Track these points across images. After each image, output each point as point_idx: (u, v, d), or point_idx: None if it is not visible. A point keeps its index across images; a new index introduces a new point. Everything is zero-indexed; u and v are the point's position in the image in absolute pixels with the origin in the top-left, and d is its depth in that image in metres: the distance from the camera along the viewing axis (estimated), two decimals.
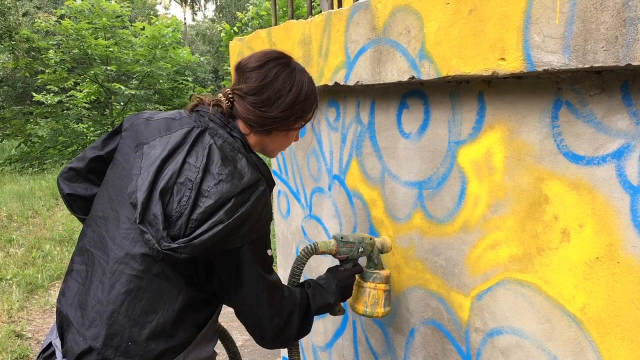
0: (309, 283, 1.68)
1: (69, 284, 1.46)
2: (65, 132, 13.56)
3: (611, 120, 1.19)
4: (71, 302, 1.41)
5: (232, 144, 1.43)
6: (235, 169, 1.37)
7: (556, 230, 1.33)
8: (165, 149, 1.38)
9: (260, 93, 1.46)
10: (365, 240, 1.77)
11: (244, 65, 1.51)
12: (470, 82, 1.53)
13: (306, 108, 1.55)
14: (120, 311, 1.33)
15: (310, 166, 2.49)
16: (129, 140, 1.49)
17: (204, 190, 1.32)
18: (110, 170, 1.52)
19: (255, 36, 2.64)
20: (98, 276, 1.38)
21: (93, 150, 1.62)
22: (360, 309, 1.80)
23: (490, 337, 1.56)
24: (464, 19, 1.41)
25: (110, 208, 1.44)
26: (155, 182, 1.34)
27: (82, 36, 12.44)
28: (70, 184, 1.63)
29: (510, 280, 1.47)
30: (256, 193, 1.37)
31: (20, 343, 4.02)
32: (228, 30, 13.13)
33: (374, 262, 1.81)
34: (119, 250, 1.37)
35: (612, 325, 1.22)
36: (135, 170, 1.39)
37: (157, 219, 1.29)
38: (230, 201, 1.31)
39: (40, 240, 6.71)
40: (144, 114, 1.55)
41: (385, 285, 1.79)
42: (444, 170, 1.66)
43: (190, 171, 1.34)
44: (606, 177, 1.20)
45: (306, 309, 1.59)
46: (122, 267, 1.35)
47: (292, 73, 1.51)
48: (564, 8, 1.16)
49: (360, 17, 1.82)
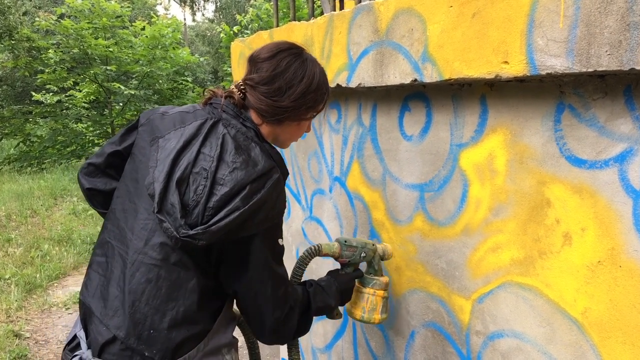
0: (311, 283, 1.69)
1: (90, 276, 1.49)
2: (64, 132, 13.52)
3: (614, 124, 1.19)
4: (93, 293, 1.44)
5: (245, 134, 1.45)
6: (249, 157, 1.39)
7: (558, 234, 1.33)
8: (180, 141, 1.41)
9: (271, 82, 1.47)
10: (368, 246, 1.77)
11: (256, 56, 1.54)
12: (473, 85, 1.53)
13: (318, 98, 1.56)
14: (141, 300, 1.36)
15: (311, 168, 2.49)
16: (145, 134, 1.52)
17: (219, 178, 1.33)
18: (128, 165, 1.55)
19: (257, 37, 2.64)
20: (119, 267, 1.41)
21: (111, 146, 1.65)
22: (357, 314, 1.80)
23: (491, 340, 1.56)
24: (467, 22, 1.41)
25: (128, 201, 1.47)
26: (171, 173, 1.36)
27: (82, 36, 12.41)
28: (90, 179, 1.67)
29: (512, 283, 1.47)
30: (271, 180, 1.38)
31: (18, 343, 4.01)
32: (228, 32, 13.12)
33: (374, 268, 1.81)
34: (138, 241, 1.40)
35: (614, 329, 1.22)
36: (151, 162, 1.42)
37: (175, 208, 1.31)
38: (245, 188, 1.33)
39: (39, 239, 6.71)
40: (159, 109, 1.57)
41: (384, 292, 1.79)
42: (445, 173, 1.66)
43: (205, 161, 1.36)
44: (609, 181, 1.20)
45: (306, 307, 1.60)
46: (141, 257, 1.38)
47: (303, 63, 1.51)
48: (568, 12, 1.16)
49: (362, 19, 1.82)
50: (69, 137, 13.57)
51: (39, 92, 14.19)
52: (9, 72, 18.97)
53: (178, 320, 1.38)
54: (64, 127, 13.52)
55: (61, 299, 4.99)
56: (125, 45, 13.58)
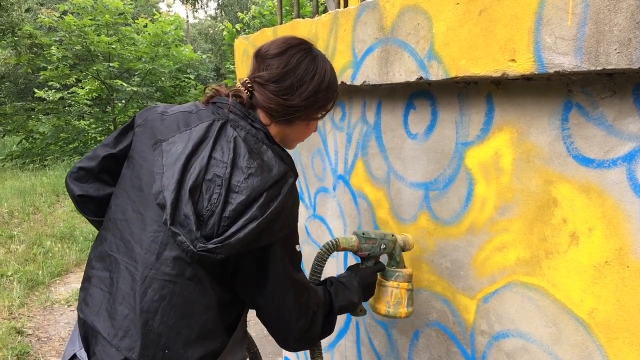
0: (331, 281, 1.62)
1: (91, 292, 1.38)
2: (66, 129, 13.55)
3: (622, 123, 1.18)
4: (97, 311, 1.34)
5: (255, 136, 1.38)
6: (263, 161, 1.32)
7: (565, 234, 1.32)
8: (188, 145, 1.32)
9: (282, 80, 1.40)
10: (387, 237, 1.70)
11: (264, 52, 1.45)
12: (479, 84, 1.52)
13: (329, 96, 1.50)
14: (155, 319, 1.27)
15: (314, 166, 2.48)
16: (144, 136, 1.42)
17: (234, 185, 1.26)
18: (126, 170, 1.45)
19: (261, 35, 2.63)
20: (127, 283, 1.31)
21: (105, 148, 1.54)
22: (382, 309, 1.72)
23: (496, 340, 1.55)
24: (473, 20, 1.40)
25: (132, 210, 1.37)
26: (182, 180, 1.27)
27: (85, 32, 12.44)
28: (81, 185, 1.56)
29: (518, 283, 1.46)
30: (287, 186, 1.32)
31: (20, 340, 4.01)
32: (230, 29, 13.12)
33: (395, 260, 1.73)
34: (149, 255, 1.29)
35: (621, 330, 1.21)
36: (156, 169, 1.32)
37: (189, 219, 1.23)
38: (262, 196, 1.26)
39: (41, 236, 6.70)
40: (157, 108, 1.49)
41: (408, 284, 1.71)
42: (450, 172, 1.65)
43: (218, 167, 1.28)
44: (617, 181, 1.19)
45: (329, 309, 1.53)
46: (153, 272, 1.28)
47: (314, 60, 1.44)
48: (576, 9, 1.15)
49: (368, 16, 1.81)
50: (71, 134, 13.61)
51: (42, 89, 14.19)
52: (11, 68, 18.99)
53: (193, 338, 1.30)
54: (67, 124, 13.55)
55: (63, 295, 4.99)
56: (128, 42, 13.62)
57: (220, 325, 1.35)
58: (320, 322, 1.48)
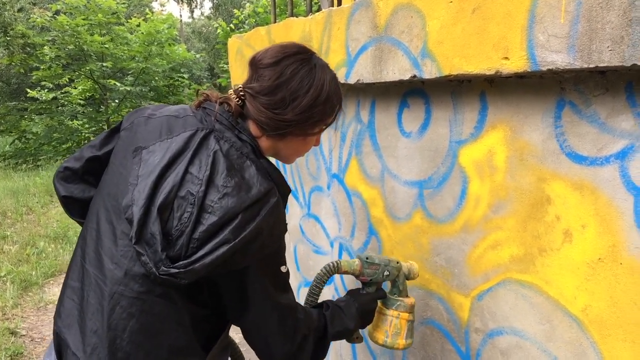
0: (328, 305, 1.55)
1: (64, 304, 1.34)
2: (60, 129, 13.49)
3: (615, 120, 1.18)
4: (69, 324, 1.30)
5: (240, 149, 1.29)
6: (243, 179, 1.22)
7: (558, 231, 1.32)
8: (165, 157, 1.24)
9: (273, 93, 1.31)
10: (392, 264, 1.64)
11: (258, 61, 1.36)
12: (472, 82, 1.53)
13: (327, 110, 1.39)
14: (123, 337, 1.22)
15: (309, 165, 2.48)
16: (127, 142, 1.36)
17: (207, 205, 1.17)
18: (105, 175, 1.39)
19: (254, 33, 2.63)
20: (96, 297, 1.26)
21: (90, 150, 1.49)
22: (380, 338, 1.66)
23: (490, 338, 1.55)
24: (467, 18, 1.40)
25: (105, 220, 1.31)
26: (153, 195, 1.19)
27: (78, 32, 12.39)
28: (66, 185, 1.50)
29: (511, 280, 1.46)
30: (267, 206, 1.22)
31: (14, 340, 3.98)
32: (224, 28, 13.10)
33: (398, 288, 1.66)
34: (118, 270, 1.24)
35: (614, 326, 1.22)
36: (131, 179, 1.25)
37: (155, 239, 1.15)
38: (237, 217, 1.16)
39: (35, 237, 6.66)
40: (146, 110, 1.42)
41: (409, 314, 1.65)
42: (444, 170, 1.65)
43: (193, 183, 1.20)
44: (609, 178, 1.20)
45: (322, 333, 1.47)
46: (121, 289, 1.23)
47: (311, 71, 1.34)
48: (569, 7, 1.15)
49: (361, 15, 1.81)
50: (64, 134, 13.55)
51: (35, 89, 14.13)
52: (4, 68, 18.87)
53: (164, 356, 1.25)
54: (60, 124, 13.49)
55: (57, 296, 4.92)
56: (121, 42, 13.57)
57: (193, 342, 1.30)
58: (311, 347, 1.42)
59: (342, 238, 2.26)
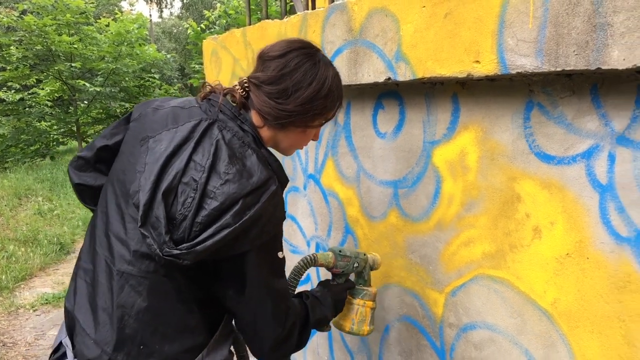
0: (307, 294, 1.61)
1: (78, 284, 1.40)
2: (27, 130, 13.22)
3: (581, 121, 1.23)
4: (80, 302, 1.36)
5: (242, 139, 1.34)
6: (244, 167, 1.28)
7: (528, 228, 1.37)
8: (170, 145, 1.30)
9: (277, 83, 1.36)
10: (360, 256, 1.72)
11: (265, 53, 1.42)
12: (445, 84, 1.57)
13: (327, 105, 1.43)
14: (130, 314, 1.29)
15: (285, 165, 2.50)
16: (136, 131, 1.42)
17: (209, 191, 1.23)
18: (116, 163, 1.46)
19: (229, 35, 2.63)
20: (106, 277, 1.33)
21: (102, 140, 1.55)
22: (347, 326, 1.74)
23: (464, 332, 1.60)
24: (439, 22, 1.44)
25: (114, 204, 1.38)
26: (158, 181, 1.25)
27: (45, 32, 12.14)
28: (79, 174, 1.57)
29: (484, 276, 1.51)
30: (267, 193, 1.28)
31: None
32: (195, 28, 13.00)
33: (364, 278, 1.75)
34: (125, 251, 1.31)
35: (582, 319, 1.27)
36: (139, 166, 1.31)
37: (160, 222, 1.21)
38: (238, 203, 1.22)
39: (4, 240, 6.53)
40: (153, 102, 1.48)
41: (373, 302, 1.74)
42: (419, 170, 1.69)
43: (196, 170, 1.25)
44: (576, 176, 1.25)
45: (305, 321, 1.52)
46: (129, 269, 1.30)
47: (315, 65, 1.39)
48: (537, 13, 1.20)
49: (336, 18, 1.84)
50: (32, 136, 13.27)
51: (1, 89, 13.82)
52: None
53: (170, 334, 1.31)
54: (27, 126, 13.20)
55: (28, 300, 4.89)
56: (90, 42, 13.35)
57: (199, 322, 1.35)
58: (297, 333, 1.46)
59: (318, 237, 2.29)
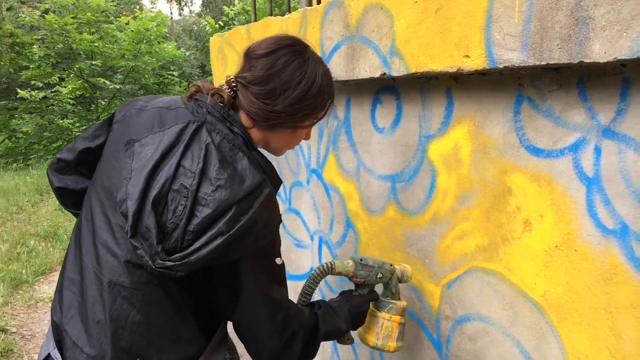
0: (320, 304, 1.55)
1: (64, 296, 1.34)
2: (50, 128, 13.48)
3: (568, 115, 1.24)
4: (69, 315, 1.31)
5: (232, 141, 1.29)
6: (235, 171, 1.23)
7: (519, 221, 1.38)
8: (157, 150, 1.24)
9: (265, 83, 1.31)
10: (385, 266, 1.64)
11: (252, 51, 1.36)
12: (439, 79, 1.58)
13: (317, 104, 1.39)
14: (125, 327, 1.25)
15: (289, 160, 2.53)
16: (119, 134, 1.36)
17: (200, 198, 1.17)
18: (99, 168, 1.40)
19: (234, 32, 2.67)
20: (95, 288, 1.28)
21: (83, 142, 1.48)
22: (371, 340, 1.66)
23: (459, 324, 1.62)
24: (431, 17, 1.46)
25: (100, 212, 1.32)
26: (147, 189, 1.19)
27: (67, 31, 12.37)
28: (60, 177, 1.51)
29: (477, 269, 1.52)
30: (260, 198, 1.23)
31: (4, 337, 4.02)
32: (213, 25, 13.10)
33: (391, 290, 1.66)
34: (115, 262, 1.26)
35: (571, 310, 1.28)
36: (125, 172, 1.25)
37: (151, 232, 1.15)
38: (231, 209, 1.17)
39: (25, 235, 6.69)
40: (137, 102, 1.42)
41: (401, 317, 1.65)
42: (415, 164, 1.71)
43: (186, 176, 1.20)
44: (564, 169, 1.26)
45: (313, 331, 1.46)
46: (121, 280, 1.25)
47: (304, 63, 1.34)
48: (522, 7, 1.21)
49: (334, 14, 1.86)
50: (55, 133, 13.53)
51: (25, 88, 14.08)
52: None
53: (166, 344, 1.28)
54: (50, 123, 13.47)
55: (47, 294, 5.00)
56: (110, 40, 13.54)
57: (195, 330, 1.33)
58: (299, 344, 1.41)
59: (321, 231, 2.32)
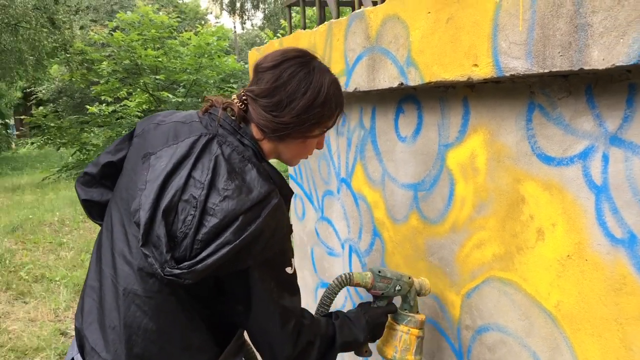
0: (337, 315, 1.56)
1: (85, 302, 1.42)
2: None
3: (577, 122, 1.22)
4: (89, 321, 1.38)
5: (242, 153, 1.32)
6: (244, 182, 1.26)
7: (532, 230, 1.37)
8: (170, 162, 1.29)
9: (271, 95, 1.34)
10: (404, 279, 1.64)
11: (259, 65, 1.41)
12: (457, 88, 1.59)
13: (325, 113, 1.41)
14: (138, 334, 1.30)
15: (321, 170, 2.57)
16: (138, 148, 1.43)
17: (209, 208, 1.22)
18: (119, 180, 1.47)
19: (269, 46, 2.75)
20: (112, 296, 1.34)
21: (106, 156, 1.56)
22: (389, 353, 1.66)
23: (478, 334, 1.60)
24: (442, 27, 1.47)
25: (118, 222, 1.38)
26: (158, 199, 1.24)
27: (133, 47, 12.92)
28: (86, 189, 1.59)
29: (494, 278, 1.51)
30: (268, 208, 1.26)
31: (64, 341, 4.24)
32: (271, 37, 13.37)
33: (409, 303, 1.67)
34: (130, 270, 1.32)
35: (583, 321, 1.25)
36: (140, 184, 1.31)
37: (161, 241, 1.20)
38: (237, 219, 1.21)
39: (90, 243, 7.01)
40: (156, 117, 1.48)
41: (419, 331, 1.66)
42: (435, 172, 1.71)
43: (195, 187, 1.24)
44: (574, 177, 1.24)
45: (330, 342, 1.48)
46: (135, 288, 1.30)
47: (309, 74, 1.37)
48: (525, 15, 1.21)
49: (356, 26, 1.90)
50: None
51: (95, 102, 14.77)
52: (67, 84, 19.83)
53: (178, 352, 1.32)
54: (118, 136, 14.04)
55: None
56: (174, 55, 14.02)
57: (207, 339, 1.36)
58: (315, 354, 1.43)
59: (351, 240, 2.34)
